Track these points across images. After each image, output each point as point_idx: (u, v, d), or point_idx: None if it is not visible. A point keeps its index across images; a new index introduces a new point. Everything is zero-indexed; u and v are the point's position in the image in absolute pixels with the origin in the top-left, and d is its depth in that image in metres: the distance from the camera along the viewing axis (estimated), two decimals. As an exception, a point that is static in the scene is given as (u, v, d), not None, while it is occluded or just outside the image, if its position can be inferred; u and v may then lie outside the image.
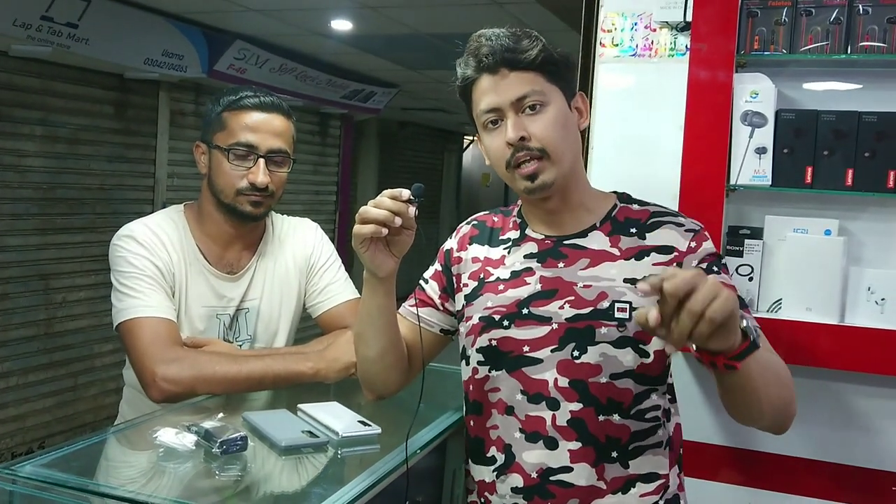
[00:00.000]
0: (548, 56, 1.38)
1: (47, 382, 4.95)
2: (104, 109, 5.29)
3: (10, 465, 1.25)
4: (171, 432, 1.39)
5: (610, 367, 1.36)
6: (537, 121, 1.37)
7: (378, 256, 1.36)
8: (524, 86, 1.37)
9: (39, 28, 4.28)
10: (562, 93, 1.41)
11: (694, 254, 1.40)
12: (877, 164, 1.81)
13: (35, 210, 4.83)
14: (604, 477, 1.37)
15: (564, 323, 1.38)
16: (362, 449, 1.45)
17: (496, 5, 4.34)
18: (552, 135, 1.37)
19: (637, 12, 2.08)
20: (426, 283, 1.58)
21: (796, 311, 1.86)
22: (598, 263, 1.41)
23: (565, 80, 1.43)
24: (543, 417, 1.38)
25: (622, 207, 1.48)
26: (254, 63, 5.90)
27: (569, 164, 1.40)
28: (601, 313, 1.37)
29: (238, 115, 1.78)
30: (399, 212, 1.29)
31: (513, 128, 1.37)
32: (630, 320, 1.35)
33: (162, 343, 1.66)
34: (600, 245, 1.43)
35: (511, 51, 1.37)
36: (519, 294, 1.43)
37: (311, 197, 7.85)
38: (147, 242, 1.76)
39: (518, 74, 1.37)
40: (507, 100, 1.37)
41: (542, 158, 1.37)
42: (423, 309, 1.55)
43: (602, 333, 1.36)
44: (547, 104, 1.38)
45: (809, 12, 1.86)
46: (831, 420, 1.93)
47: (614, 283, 1.38)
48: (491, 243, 1.52)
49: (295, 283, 1.93)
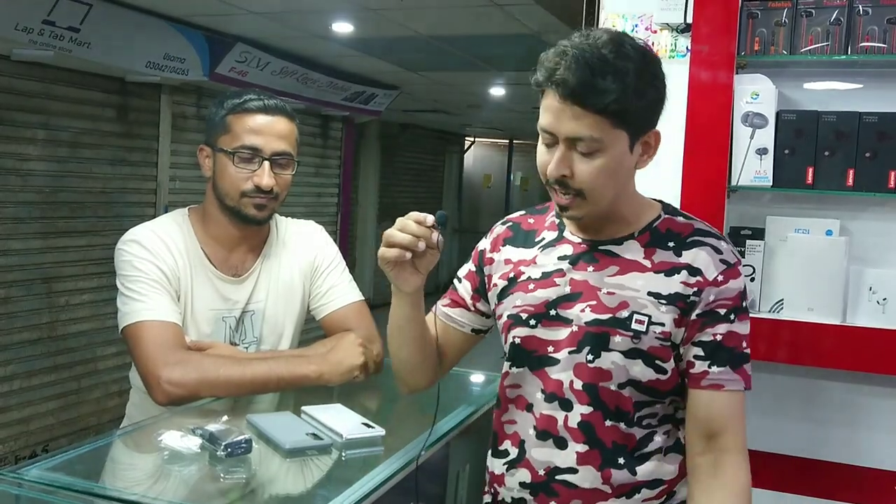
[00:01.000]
0: (624, 105, 1.27)
1: (51, 385, 4.96)
2: (106, 113, 5.30)
3: (16, 469, 1.26)
4: (176, 435, 1.39)
5: (619, 375, 1.36)
6: (586, 164, 1.32)
7: (403, 275, 1.40)
8: (584, 129, 1.29)
9: (41, 32, 4.29)
10: (627, 136, 1.32)
11: (716, 288, 1.35)
12: (878, 165, 1.82)
13: (37, 214, 4.84)
14: (609, 482, 1.38)
15: (584, 326, 1.38)
16: (366, 451, 1.46)
17: (496, 7, 4.34)
18: (595, 181, 1.33)
19: (637, 14, 2.09)
20: (459, 282, 1.60)
21: (798, 311, 1.87)
22: (626, 272, 1.39)
23: (638, 122, 1.33)
24: (556, 417, 1.40)
25: (666, 218, 1.44)
26: (255, 66, 5.91)
27: (607, 203, 1.37)
28: (619, 322, 1.36)
29: (242, 118, 1.79)
30: (423, 236, 1.33)
31: (557, 164, 1.32)
32: (647, 333, 1.34)
33: (166, 346, 1.67)
34: (633, 255, 1.40)
35: (587, 89, 1.26)
36: (548, 295, 1.43)
37: (313, 199, 7.86)
38: (152, 247, 1.77)
39: (583, 113, 1.28)
40: (562, 133, 1.31)
41: (578, 197, 1.35)
42: (454, 309, 1.58)
43: (616, 342, 1.36)
44: (603, 151, 1.31)
45: (809, 13, 1.87)
46: (833, 419, 1.94)
47: (638, 295, 1.37)
48: (526, 244, 1.52)
49: (299, 285, 1.94)
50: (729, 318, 1.35)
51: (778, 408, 1.98)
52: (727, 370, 1.34)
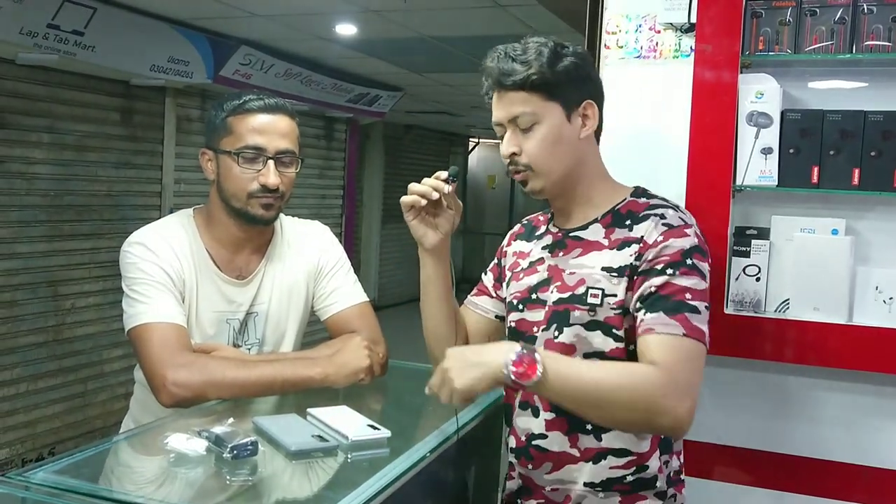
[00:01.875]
0: (542, 76, 1.47)
1: (57, 388, 4.97)
2: (111, 116, 5.32)
3: (23, 472, 1.26)
4: (182, 437, 1.39)
5: (582, 346, 1.49)
6: (528, 139, 1.51)
7: (420, 227, 1.60)
8: (516, 106, 1.50)
9: (46, 36, 4.31)
10: (561, 106, 1.50)
11: (654, 248, 1.44)
12: (883, 164, 1.81)
13: (43, 217, 4.85)
14: (577, 446, 1.51)
15: (552, 306, 1.53)
16: (372, 453, 1.46)
17: (500, 8, 4.34)
18: (539, 152, 1.50)
19: (641, 14, 2.08)
20: (485, 274, 1.78)
21: (804, 310, 1.86)
22: (587, 253, 1.53)
23: (566, 94, 1.51)
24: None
25: (630, 201, 1.55)
26: (259, 68, 5.92)
27: (559, 174, 1.52)
28: (577, 298, 1.50)
29: (244, 118, 1.79)
30: (436, 187, 1.54)
31: (506, 144, 1.53)
32: (601, 305, 1.47)
33: (172, 348, 1.67)
34: (595, 236, 1.54)
35: (506, 73, 1.49)
36: (530, 281, 1.60)
37: (318, 201, 7.87)
38: (157, 249, 1.77)
39: (512, 95, 1.50)
40: (503, 117, 1.53)
41: (528, 170, 1.52)
42: (479, 297, 1.76)
43: (576, 316, 1.49)
44: (539, 122, 1.50)
45: (814, 12, 1.86)
46: (840, 420, 1.93)
47: (593, 271, 1.50)
48: (528, 238, 1.69)
49: (303, 286, 1.94)
50: (665, 272, 1.42)
51: (782, 407, 1.97)
52: (660, 315, 1.39)
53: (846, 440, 1.92)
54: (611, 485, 1.50)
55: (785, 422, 1.97)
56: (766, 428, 1.98)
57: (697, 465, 1.95)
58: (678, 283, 1.41)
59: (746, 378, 1.96)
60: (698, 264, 1.44)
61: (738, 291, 1.92)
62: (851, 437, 1.92)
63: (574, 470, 1.51)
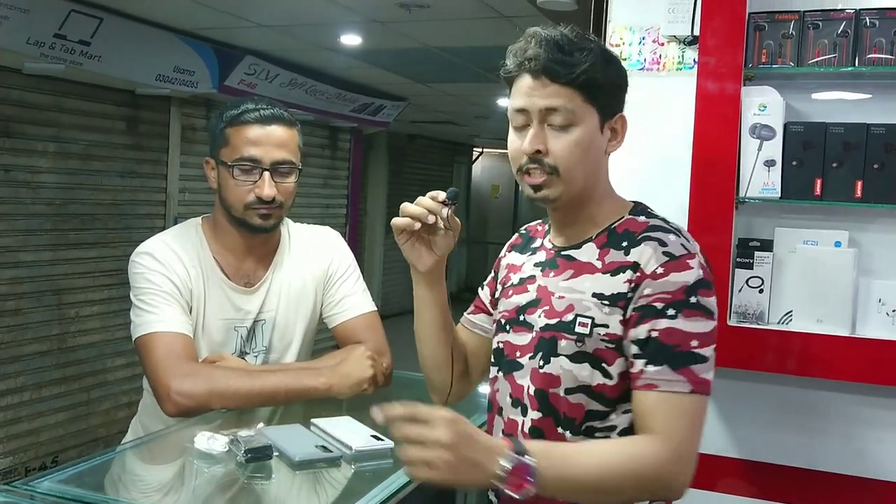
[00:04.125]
0: (593, 76, 1.34)
1: (61, 397, 4.97)
2: (116, 125, 5.33)
3: (28, 482, 1.27)
4: (205, 437, 1.42)
5: (567, 380, 1.34)
6: (560, 139, 1.35)
7: (414, 250, 1.46)
8: (558, 99, 1.34)
9: (52, 46, 4.33)
10: (598, 114, 1.37)
11: (653, 281, 1.30)
12: (886, 176, 1.81)
13: (48, 226, 4.87)
14: None
15: (538, 332, 1.40)
16: (376, 463, 1.46)
17: (504, 19, 4.36)
18: (570, 156, 1.35)
19: (645, 26, 2.10)
20: (482, 289, 1.65)
21: (807, 322, 1.86)
22: (578, 275, 1.39)
23: (607, 101, 1.38)
24: (517, 421, 1.41)
25: (627, 219, 1.41)
26: (264, 78, 5.94)
27: (580, 184, 1.38)
28: (564, 325, 1.35)
29: (239, 130, 1.80)
30: (432, 210, 1.40)
31: (532, 139, 1.35)
32: (591, 336, 1.32)
33: (177, 358, 1.68)
34: (588, 257, 1.40)
35: (557, 63, 1.33)
36: (519, 301, 1.46)
37: (322, 210, 7.87)
38: (164, 259, 1.78)
39: (556, 87, 1.33)
40: (536, 107, 1.35)
41: (553, 174, 1.36)
42: (477, 315, 1.63)
43: (562, 346, 1.35)
44: (576, 124, 1.35)
45: (817, 25, 1.87)
46: (843, 431, 1.93)
47: (583, 297, 1.36)
48: (523, 251, 1.55)
49: (311, 293, 1.94)
50: (666, 314, 1.28)
51: (785, 419, 1.97)
52: (665, 369, 1.26)
53: (848, 452, 1.92)
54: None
55: (787, 434, 1.97)
56: (769, 440, 1.98)
57: (700, 477, 1.92)
58: (683, 329, 1.27)
59: (749, 390, 1.96)
60: (703, 301, 1.29)
61: (742, 303, 1.92)
62: (854, 450, 1.92)
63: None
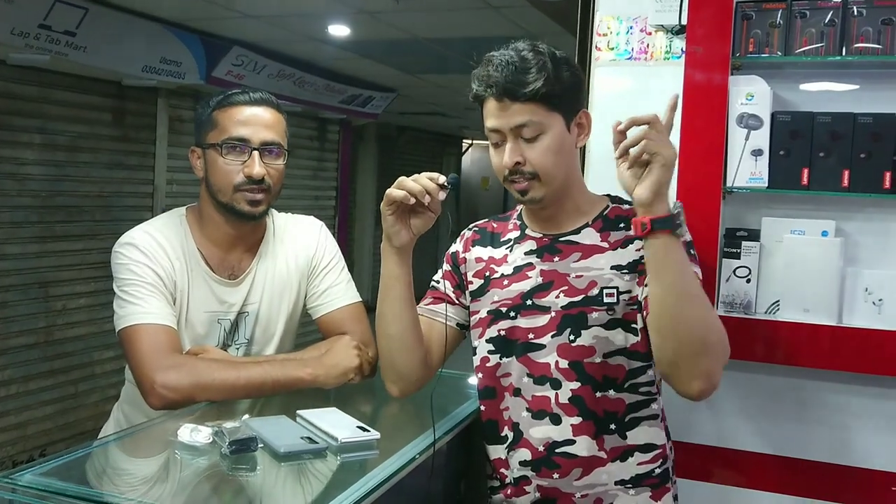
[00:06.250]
0: (549, 88, 1.48)
1: (48, 390, 4.96)
2: (102, 117, 5.30)
3: (10, 474, 1.26)
4: (188, 429, 1.41)
5: (602, 347, 1.51)
6: (534, 148, 1.50)
7: (398, 224, 1.51)
8: (523, 116, 1.49)
9: (37, 36, 4.29)
10: (562, 117, 1.52)
11: None
12: (873, 165, 1.81)
13: (34, 218, 4.84)
14: (604, 447, 1.52)
15: (560, 311, 1.54)
16: (362, 454, 1.46)
17: (492, 9, 4.35)
18: (545, 161, 1.51)
19: (632, 16, 2.09)
20: (438, 282, 1.72)
21: (794, 312, 1.87)
22: (589, 256, 1.56)
23: (568, 104, 1.53)
24: (548, 396, 1.54)
25: (613, 207, 1.61)
26: (252, 69, 5.91)
27: (560, 182, 1.54)
28: (591, 300, 1.52)
29: (228, 111, 1.79)
30: (430, 191, 1.46)
31: (510, 153, 1.51)
32: (618, 304, 1.51)
33: (161, 350, 1.66)
34: (592, 240, 1.57)
35: (516, 83, 1.47)
36: (522, 287, 1.58)
37: (311, 202, 7.86)
38: (148, 250, 1.77)
39: (519, 105, 1.48)
40: (506, 126, 1.50)
41: (534, 179, 1.52)
42: (438, 305, 1.69)
43: (594, 318, 1.52)
44: (544, 132, 1.50)
45: (804, 14, 1.87)
46: (829, 421, 1.93)
47: (603, 272, 1.53)
48: (493, 245, 1.67)
49: (295, 283, 1.93)
50: None
51: (773, 408, 1.98)
52: None
53: (835, 441, 1.93)
54: (641, 480, 1.54)
55: (775, 423, 1.98)
56: (757, 429, 1.99)
57: (689, 467, 1.96)
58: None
59: (737, 379, 1.97)
60: (696, 258, 1.51)
61: (729, 293, 1.92)
62: (841, 438, 1.93)
63: (603, 472, 1.53)
